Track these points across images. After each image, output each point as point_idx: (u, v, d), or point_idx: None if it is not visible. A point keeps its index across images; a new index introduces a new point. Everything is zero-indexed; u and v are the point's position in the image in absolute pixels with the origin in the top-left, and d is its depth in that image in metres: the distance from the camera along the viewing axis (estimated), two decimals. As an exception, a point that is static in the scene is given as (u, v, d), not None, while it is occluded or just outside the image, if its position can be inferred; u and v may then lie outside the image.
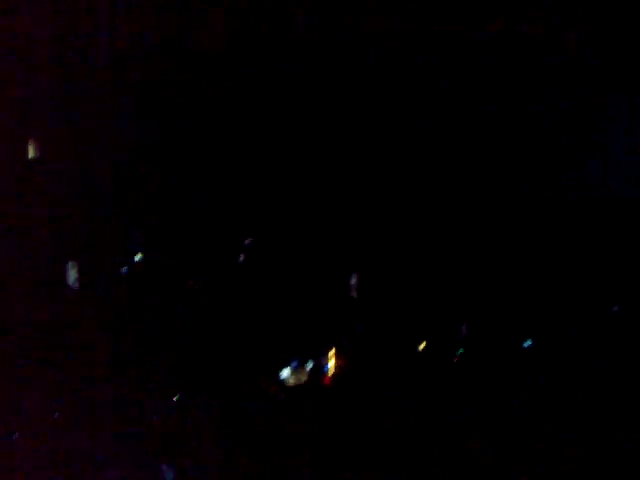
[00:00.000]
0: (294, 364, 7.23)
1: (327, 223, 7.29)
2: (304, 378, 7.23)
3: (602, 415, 6.79)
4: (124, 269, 7.03)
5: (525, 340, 6.96)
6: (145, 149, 7.13)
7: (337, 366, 7.23)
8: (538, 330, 6.91)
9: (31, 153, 7.09)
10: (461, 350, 7.18)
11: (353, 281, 7.32)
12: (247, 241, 7.15)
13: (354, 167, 7.25)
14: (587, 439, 6.69)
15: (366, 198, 7.31)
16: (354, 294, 7.35)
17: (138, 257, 7.05)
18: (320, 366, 7.23)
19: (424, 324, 7.30)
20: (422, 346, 7.21)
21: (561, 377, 6.92)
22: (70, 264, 6.97)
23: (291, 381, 7.20)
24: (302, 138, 7.21)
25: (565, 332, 6.89)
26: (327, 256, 7.31)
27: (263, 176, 7.26)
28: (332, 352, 7.27)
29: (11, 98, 6.92)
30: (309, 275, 7.29)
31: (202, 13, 7.10)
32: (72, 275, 6.96)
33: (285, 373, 7.18)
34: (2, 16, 6.76)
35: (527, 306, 7.03)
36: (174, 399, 6.88)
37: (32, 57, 6.94)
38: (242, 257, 7.17)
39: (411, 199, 7.26)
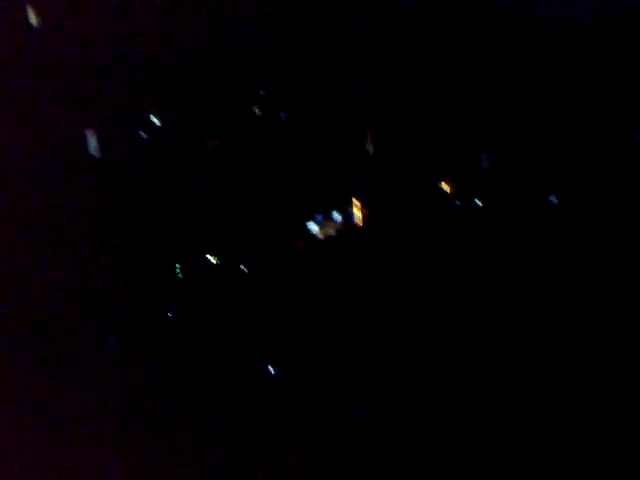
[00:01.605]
0: (319, 217, 7.26)
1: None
2: (331, 230, 7.28)
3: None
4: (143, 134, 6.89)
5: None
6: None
7: (361, 215, 7.31)
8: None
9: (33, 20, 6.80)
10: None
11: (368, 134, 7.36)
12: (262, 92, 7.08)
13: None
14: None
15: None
16: (369, 147, 7.40)
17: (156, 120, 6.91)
18: (347, 215, 7.29)
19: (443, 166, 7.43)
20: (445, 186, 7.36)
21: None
22: (89, 132, 6.78)
23: (320, 234, 7.24)
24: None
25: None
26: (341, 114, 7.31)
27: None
28: (355, 202, 7.33)
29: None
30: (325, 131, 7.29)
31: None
32: (92, 143, 6.78)
33: (313, 226, 7.21)
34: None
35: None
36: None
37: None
38: (258, 111, 7.10)
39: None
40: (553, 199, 7.10)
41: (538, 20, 7.17)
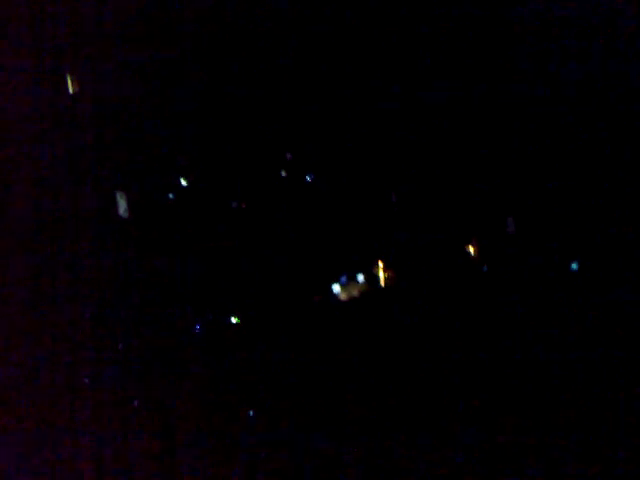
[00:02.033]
0: (343, 279, 7.35)
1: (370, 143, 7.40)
2: (355, 291, 7.36)
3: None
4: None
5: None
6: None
7: (386, 278, 7.37)
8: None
9: (71, 88, 7.14)
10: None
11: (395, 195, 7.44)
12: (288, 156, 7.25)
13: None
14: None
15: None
16: (396, 207, 7.47)
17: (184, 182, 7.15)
18: (371, 278, 7.37)
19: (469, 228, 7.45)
20: (470, 249, 7.36)
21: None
22: (119, 194, 7.05)
23: (343, 295, 7.33)
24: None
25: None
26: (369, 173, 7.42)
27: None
28: (380, 264, 7.40)
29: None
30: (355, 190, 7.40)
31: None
32: (122, 205, 7.04)
33: (336, 288, 7.31)
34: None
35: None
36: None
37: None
38: (284, 174, 7.27)
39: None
40: (574, 266, 7.05)
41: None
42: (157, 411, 6.66)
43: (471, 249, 7.60)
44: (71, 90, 7.07)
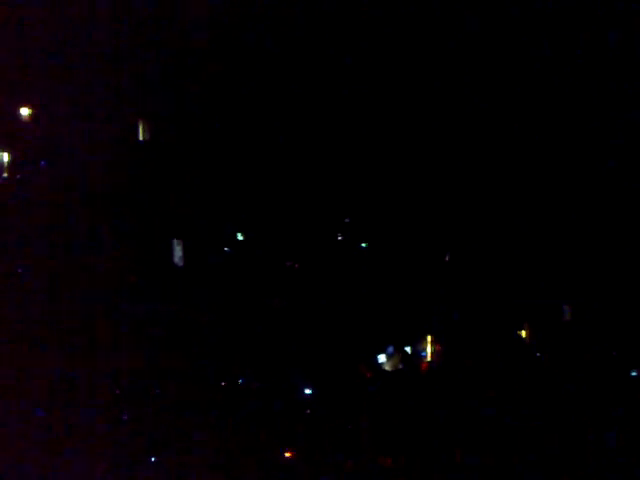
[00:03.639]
0: (390, 350, 7.26)
1: (420, 213, 7.39)
2: (399, 364, 7.25)
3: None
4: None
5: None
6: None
7: (434, 352, 7.25)
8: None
9: (141, 135, 7.32)
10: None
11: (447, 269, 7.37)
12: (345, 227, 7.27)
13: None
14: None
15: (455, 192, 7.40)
16: (448, 282, 7.40)
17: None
18: (417, 352, 7.26)
19: (520, 310, 7.32)
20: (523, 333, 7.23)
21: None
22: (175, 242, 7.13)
23: (388, 366, 7.23)
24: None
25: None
26: (422, 246, 7.39)
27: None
28: (429, 339, 7.30)
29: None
30: (405, 263, 7.36)
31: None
32: (178, 253, 7.12)
33: (382, 358, 7.22)
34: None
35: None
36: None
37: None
38: (340, 238, 7.27)
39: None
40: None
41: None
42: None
43: (523, 333, 7.46)
44: (141, 137, 7.26)
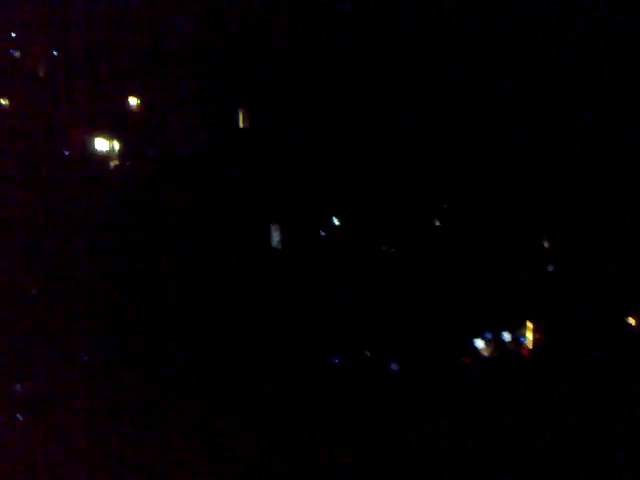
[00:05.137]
0: (488, 335, 7.14)
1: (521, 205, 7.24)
2: (498, 349, 7.11)
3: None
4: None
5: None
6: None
7: (535, 340, 7.07)
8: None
9: (241, 123, 7.48)
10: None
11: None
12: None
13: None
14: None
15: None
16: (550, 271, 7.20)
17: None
18: (517, 338, 7.11)
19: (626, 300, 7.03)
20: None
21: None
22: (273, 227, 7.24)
23: (485, 351, 7.11)
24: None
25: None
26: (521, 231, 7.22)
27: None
28: (530, 326, 7.13)
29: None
30: (506, 248, 7.22)
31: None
32: (275, 237, 7.23)
33: (479, 344, 7.10)
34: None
35: None
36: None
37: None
38: (438, 223, 7.20)
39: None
40: None
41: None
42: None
43: (632, 321, 7.16)
44: (241, 124, 7.41)
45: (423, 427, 6.69)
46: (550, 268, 7.03)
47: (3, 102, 7.81)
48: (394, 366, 6.78)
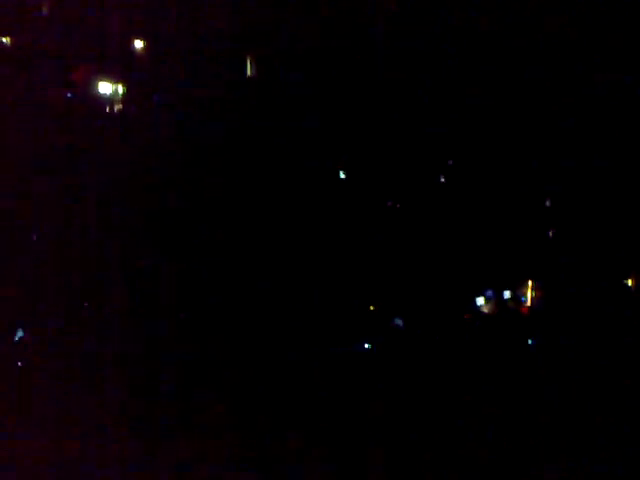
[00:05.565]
0: (489, 293, 7.20)
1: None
2: (498, 307, 7.19)
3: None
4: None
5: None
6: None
7: (534, 298, 7.15)
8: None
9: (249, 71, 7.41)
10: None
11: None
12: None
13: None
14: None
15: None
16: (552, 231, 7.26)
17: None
18: (517, 296, 7.19)
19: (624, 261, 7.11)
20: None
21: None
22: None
23: (486, 309, 7.18)
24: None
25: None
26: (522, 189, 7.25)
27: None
28: (530, 284, 7.20)
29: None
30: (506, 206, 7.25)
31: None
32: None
33: (480, 301, 7.17)
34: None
35: None
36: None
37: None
38: (443, 179, 7.21)
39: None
40: None
41: None
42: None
43: (630, 282, 7.27)
44: (248, 73, 7.35)
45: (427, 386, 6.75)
46: (551, 228, 7.05)
47: (5, 40, 7.66)
48: (398, 321, 6.84)
